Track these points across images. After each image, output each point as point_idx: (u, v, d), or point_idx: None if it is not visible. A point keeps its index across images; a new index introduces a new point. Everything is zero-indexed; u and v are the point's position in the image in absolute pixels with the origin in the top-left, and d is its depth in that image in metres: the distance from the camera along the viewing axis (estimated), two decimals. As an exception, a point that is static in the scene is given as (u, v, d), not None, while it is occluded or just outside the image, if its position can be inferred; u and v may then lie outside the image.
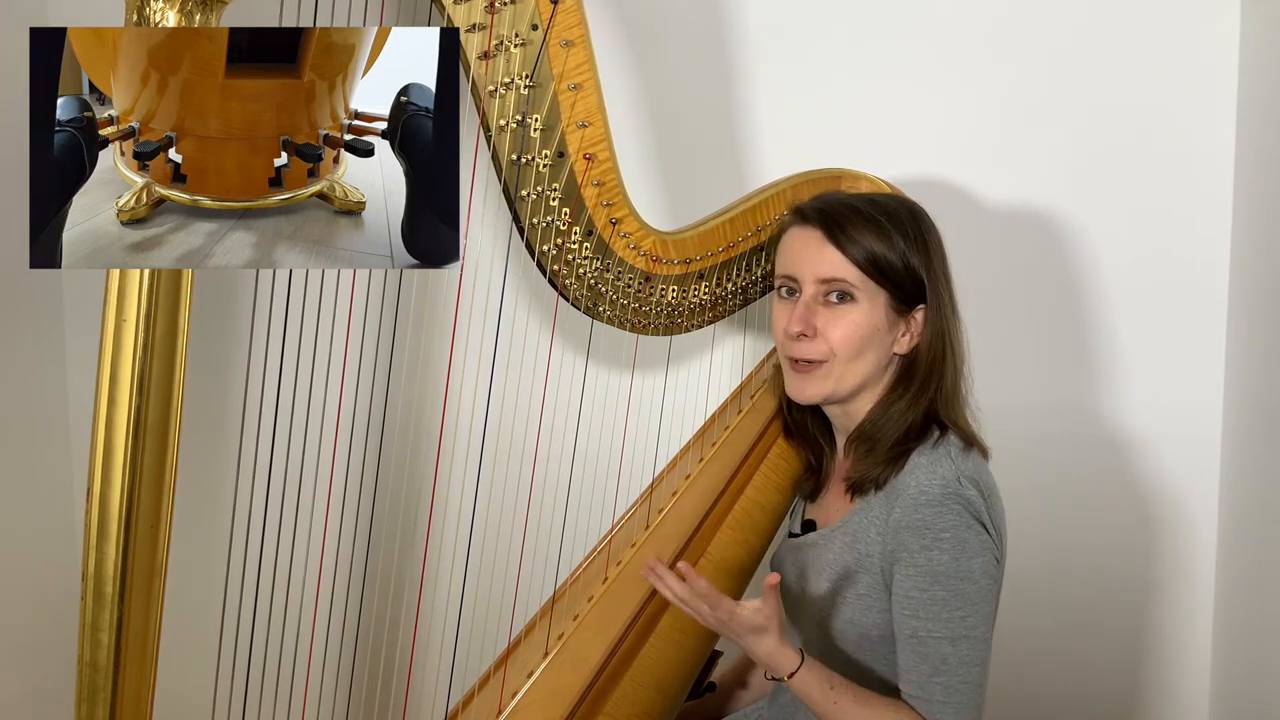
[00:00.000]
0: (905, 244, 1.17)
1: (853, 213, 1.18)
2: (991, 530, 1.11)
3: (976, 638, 1.09)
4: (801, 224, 1.21)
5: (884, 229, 1.16)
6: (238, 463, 1.09)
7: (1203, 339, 1.63)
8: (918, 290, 1.18)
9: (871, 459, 1.17)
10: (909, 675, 1.10)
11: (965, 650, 1.08)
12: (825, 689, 1.09)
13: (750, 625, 1.07)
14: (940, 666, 1.08)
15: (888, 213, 1.18)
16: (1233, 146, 1.60)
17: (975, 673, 1.09)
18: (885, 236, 1.16)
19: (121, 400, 0.90)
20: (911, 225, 1.18)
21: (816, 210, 1.20)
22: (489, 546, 1.43)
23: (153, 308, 0.90)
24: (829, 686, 1.09)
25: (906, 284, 1.17)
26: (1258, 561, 1.54)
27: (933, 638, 1.08)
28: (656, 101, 1.62)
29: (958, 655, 1.08)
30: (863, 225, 1.16)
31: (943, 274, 1.20)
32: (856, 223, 1.17)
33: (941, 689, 1.08)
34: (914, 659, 1.10)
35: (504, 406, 1.48)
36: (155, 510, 0.93)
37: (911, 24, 1.62)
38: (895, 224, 1.17)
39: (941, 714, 1.08)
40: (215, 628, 1.10)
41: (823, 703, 1.09)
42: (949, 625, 1.08)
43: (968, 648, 1.08)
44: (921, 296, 1.19)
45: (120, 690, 0.93)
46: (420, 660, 1.61)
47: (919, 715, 1.09)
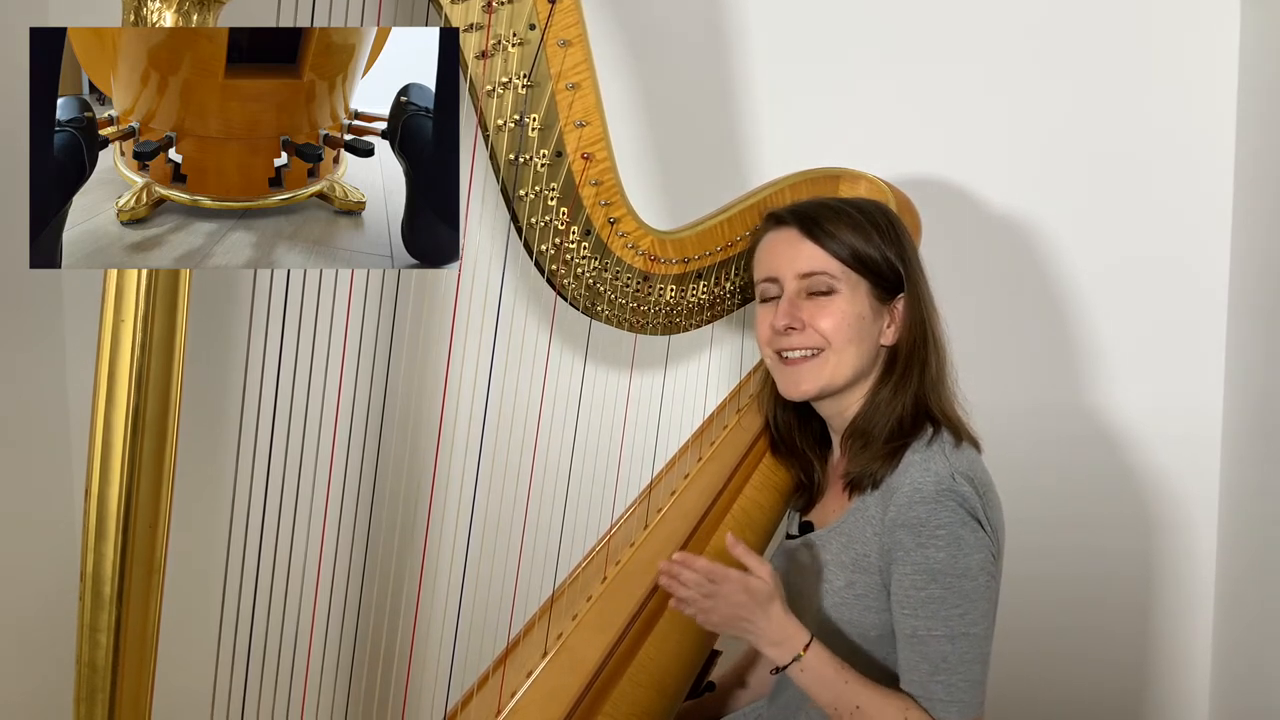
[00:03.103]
0: (880, 237, 1.20)
1: (826, 210, 1.22)
2: (987, 526, 1.11)
3: (976, 635, 1.09)
4: (777, 227, 1.24)
5: (859, 223, 1.20)
6: (236, 462, 1.09)
7: (1203, 339, 1.63)
8: (896, 280, 1.21)
9: (867, 454, 1.18)
10: (910, 674, 1.11)
11: (965, 648, 1.08)
12: (837, 668, 1.10)
13: (762, 594, 1.10)
14: (941, 665, 1.08)
15: (860, 209, 1.22)
16: (1233, 147, 1.60)
17: (976, 670, 1.09)
18: (860, 230, 1.19)
19: (120, 400, 0.90)
20: (884, 221, 1.22)
21: (790, 212, 1.24)
22: (488, 546, 1.43)
23: (151, 307, 0.90)
24: (839, 666, 1.11)
25: (885, 273, 1.20)
26: (1258, 561, 1.54)
27: (932, 636, 1.08)
28: (654, 101, 1.61)
29: (958, 653, 1.08)
30: (838, 220, 1.20)
31: (918, 266, 1.23)
32: (831, 218, 1.20)
33: (943, 688, 1.08)
34: (914, 658, 1.10)
35: (503, 407, 1.48)
36: (153, 510, 0.93)
37: (911, 25, 1.62)
38: (869, 218, 1.21)
39: (945, 713, 1.08)
40: (214, 627, 1.10)
41: (835, 681, 1.10)
42: (948, 623, 1.08)
43: (967, 645, 1.08)
44: (900, 286, 1.21)
45: (119, 690, 0.93)
46: (420, 655, 1.61)
47: (926, 712, 1.09)
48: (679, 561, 1.12)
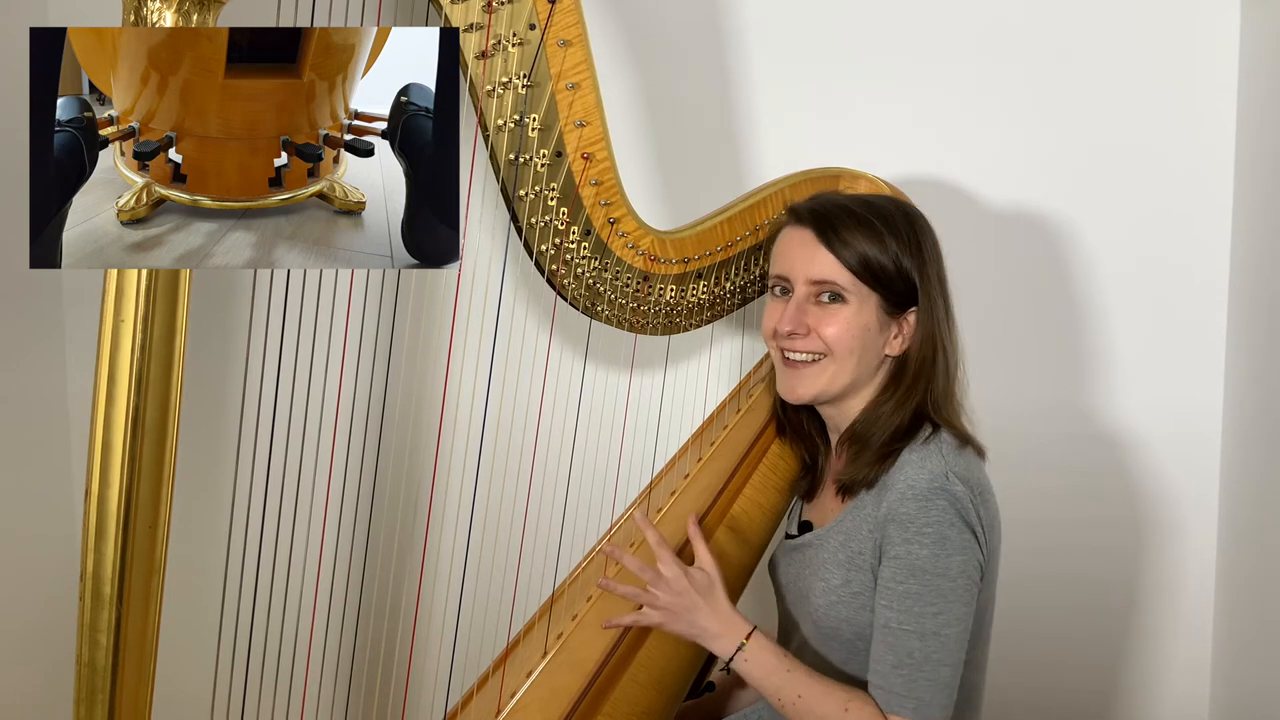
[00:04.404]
0: (898, 246, 1.17)
1: (846, 214, 1.18)
2: (979, 529, 1.10)
3: (947, 636, 1.08)
4: (795, 224, 1.22)
5: (877, 231, 1.17)
6: (236, 462, 1.10)
7: (1203, 340, 1.63)
8: (910, 293, 1.19)
9: (861, 460, 1.17)
10: (875, 665, 1.11)
11: (933, 647, 1.07)
12: (780, 656, 1.11)
13: (701, 584, 1.13)
14: (905, 660, 1.08)
15: (882, 215, 1.18)
16: (1233, 147, 1.60)
17: (944, 673, 1.08)
18: (878, 239, 1.17)
19: (120, 400, 0.90)
20: (905, 227, 1.19)
21: (810, 211, 1.20)
22: (488, 546, 1.43)
23: (151, 308, 0.90)
24: (782, 655, 1.11)
25: (898, 286, 1.18)
26: (1258, 563, 1.54)
27: (902, 630, 1.08)
28: (654, 100, 1.62)
29: (924, 651, 1.07)
30: (856, 227, 1.17)
31: (936, 277, 1.20)
32: (849, 225, 1.17)
33: (903, 682, 1.08)
34: (881, 649, 1.10)
35: (503, 407, 1.48)
36: (153, 510, 0.93)
37: (911, 24, 1.62)
38: (889, 226, 1.17)
39: (899, 708, 1.08)
40: (214, 627, 1.11)
41: (778, 671, 1.10)
42: (920, 620, 1.08)
43: (936, 645, 1.07)
44: (914, 299, 1.19)
45: (119, 691, 0.93)
46: (420, 655, 1.61)
47: (874, 705, 1.09)
48: (639, 522, 1.16)
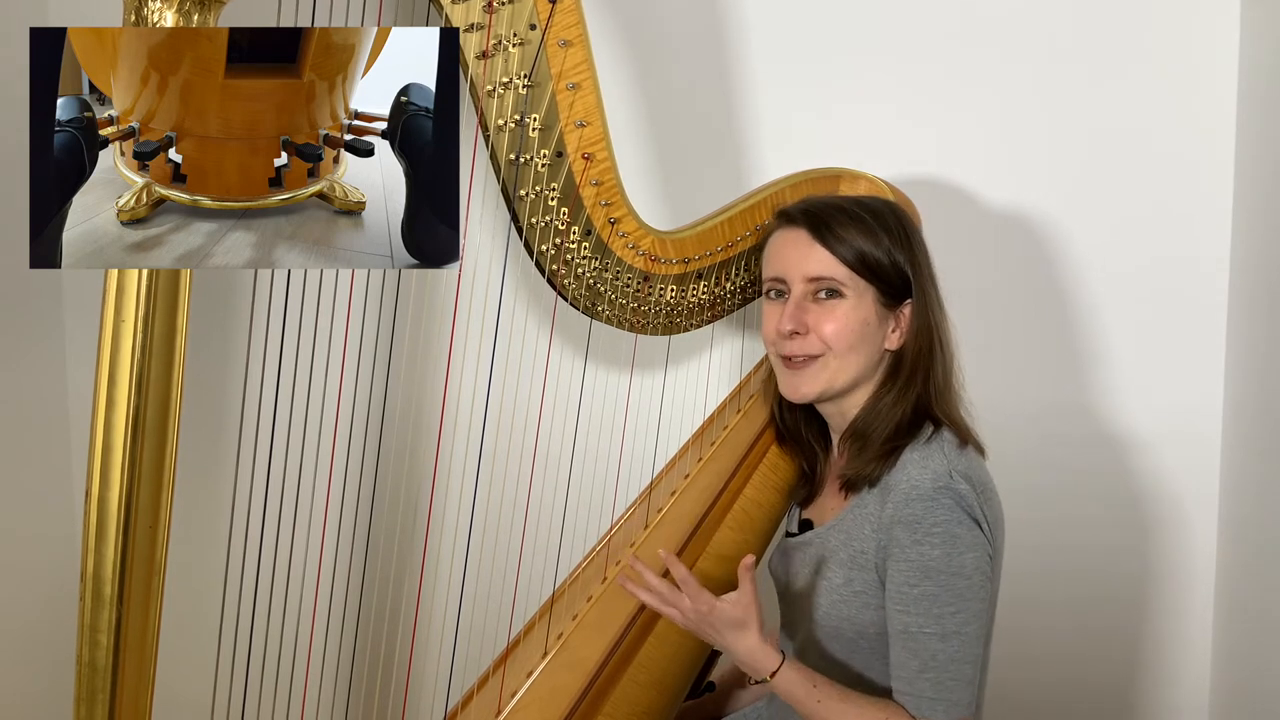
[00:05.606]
0: (890, 241, 1.19)
1: (838, 211, 1.20)
2: (985, 526, 1.11)
3: (968, 634, 1.08)
4: (787, 226, 1.23)
5: (869, 226, 1.18)
6: (236, 463, 1.09)
7: (1203, 339, 1.63)
8: (904, 286, 1.20)
9: (864, 456, 1.18)
10: (899, 671, 1.10)
11: (956, 647, 1.08)
12: (809, 687, 1.10)
13: (730, 619, 1.09)
14: (930, 663, 1.08)
15: (872, 211, 1.20)
16: (1233, 147, 1.60)
17: (967, 670, 1.09)
18: (871, 234, 1.18)
19: (120, 400, 0.90)
20: (894, 222, 1.20)
21: (801, 211, 1.22)
22: (488, 547, 1.43)
23: (151, 308, 0.90)
24: (812, 685, 1.10)
25: (893, 279, 1.19)
26: (1258, 562, 1.54)
27: (923, 633, 1.08)
28: (655, 101, 1.62)
29: (948, 652, 1.08)
30: (848, 223, 1.18)
31: (928, 271, 1.22)
32: (842, 221, 1.19)
33: (930, 685, 1.08)
34: (904, 654, 1.10)
35: (503, 407, 1.48)
36: (154, 510, 0.93)
37: (910, 24, 1.62)
38: (880, 222, 1.19)
39: (931, 711, 1.08)
40: (214, 627, 1.10)
41: (806, 701, 1.09)
42: (939, 621, 1.08)
43: (958, 644, 1.08)
44: (908, 292, 1.20)
45: (119, 691, 0.93)
46: (420, 656, 1.61)
47: (907, 713, 1.09)
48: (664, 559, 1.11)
